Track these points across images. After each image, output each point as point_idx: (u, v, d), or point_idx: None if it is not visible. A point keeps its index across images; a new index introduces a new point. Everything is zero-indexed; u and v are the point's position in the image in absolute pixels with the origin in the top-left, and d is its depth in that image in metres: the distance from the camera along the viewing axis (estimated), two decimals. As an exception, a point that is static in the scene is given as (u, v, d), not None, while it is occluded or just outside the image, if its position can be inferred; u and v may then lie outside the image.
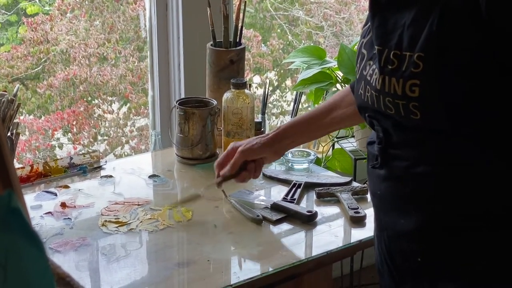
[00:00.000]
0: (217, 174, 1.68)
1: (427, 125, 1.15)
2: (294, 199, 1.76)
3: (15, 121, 1.93)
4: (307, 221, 1.65)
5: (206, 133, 1.99)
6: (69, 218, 1.67)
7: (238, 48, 2.12)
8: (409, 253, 1.25)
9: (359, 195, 1.80)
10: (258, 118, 2.15)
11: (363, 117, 1.31)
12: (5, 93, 1.91)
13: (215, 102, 2.02)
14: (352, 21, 3.56)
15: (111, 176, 1.92)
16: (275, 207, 1.70)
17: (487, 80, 1.10)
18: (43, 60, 2.95)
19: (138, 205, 1.74)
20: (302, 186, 1.83)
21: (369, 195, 1.36)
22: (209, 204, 1.74)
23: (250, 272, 1.44)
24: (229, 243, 1.59)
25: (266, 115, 2.23)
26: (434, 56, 1.11)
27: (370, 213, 1.68)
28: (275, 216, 1.66)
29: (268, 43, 3.47)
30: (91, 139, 3.08)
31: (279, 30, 3.52)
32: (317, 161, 2.21)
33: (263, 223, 1.64)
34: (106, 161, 2.01)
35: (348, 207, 1.71)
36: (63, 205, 1.73)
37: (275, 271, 1.46)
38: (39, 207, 1.73)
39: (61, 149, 3.06)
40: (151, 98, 2.40)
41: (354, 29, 3.54)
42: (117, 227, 1.62)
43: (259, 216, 1.65)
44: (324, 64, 2.38)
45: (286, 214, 1.67)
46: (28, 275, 0.58)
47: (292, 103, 2.33)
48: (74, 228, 1.62)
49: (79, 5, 2.95)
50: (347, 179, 1.90)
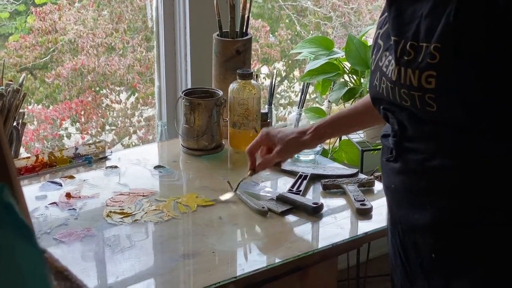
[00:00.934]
0: (251, 161, 1.72)
1: (443, 117, 1.14)
2: (300, 191, 1.75)
3: (21, 111, 1.93)
4: (313, 213, 1.64)
5: (212, 124, 1.98)
6: (74, 208, 1.66)
7: (244, 38, 2.10)
8: (422, 247, 1.24)
9: (366, 187, 1.78)
10: (264, 109, 2.14)
11: (377, 109, 1.29)
12: (11, 82, 1.91)
13: (221, 93, 2.01)
14: (360, 11, 3.53)
15: (116, 167, 1.92)
16: (280, 198, 1.69)
17: (503, 71, 1.08)
18: (51, 49, 2.94)
19: (143, 196, 1.73)
20: (308, 177, 1.82)
21: (383, 188, 1.34)
22: (214, 195, 1.73)
23: (256, 264, 1.44)
24: (234, 234, 1.59)
25: (273, 105, 2.21)
26: (451, 47, 1.10)
27: (377, 205, 1.67)
28: (280, 208, 1.65)
29: (276, 33, 3.45)
30: (99, 129, 3.08)
31: (287, 21, 3.50)
32: (324, 153, 2.19)
33: (268, 215, 1.63)
34: (111, 152, 2.00)
35: (355, 199, 1.70)
36: (68, 195, 1.73)
37: (280, 263, 1.45)
38: (44, 197, 1.73)
39: (69, 138, 3.06)
40: (157, 88, 2.39)
41: (362, 19, 3.52)
42: (122, 218, 1.62)
43: (264, 207, 1.64)
44: (332, 55, 2.36)
45: (291, 206, 1.66)
46: (21, 269, 0.58)
47: (300, 94, 2.32)
48: (78, 219, 1.62)
49: (87, -5, 2.94)
50: (354, 170, 1.89)
